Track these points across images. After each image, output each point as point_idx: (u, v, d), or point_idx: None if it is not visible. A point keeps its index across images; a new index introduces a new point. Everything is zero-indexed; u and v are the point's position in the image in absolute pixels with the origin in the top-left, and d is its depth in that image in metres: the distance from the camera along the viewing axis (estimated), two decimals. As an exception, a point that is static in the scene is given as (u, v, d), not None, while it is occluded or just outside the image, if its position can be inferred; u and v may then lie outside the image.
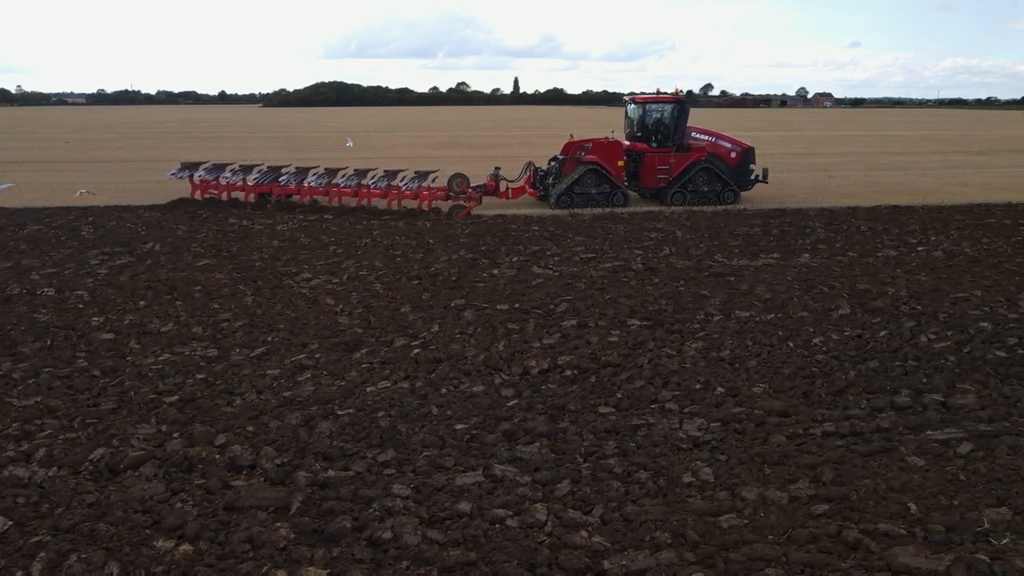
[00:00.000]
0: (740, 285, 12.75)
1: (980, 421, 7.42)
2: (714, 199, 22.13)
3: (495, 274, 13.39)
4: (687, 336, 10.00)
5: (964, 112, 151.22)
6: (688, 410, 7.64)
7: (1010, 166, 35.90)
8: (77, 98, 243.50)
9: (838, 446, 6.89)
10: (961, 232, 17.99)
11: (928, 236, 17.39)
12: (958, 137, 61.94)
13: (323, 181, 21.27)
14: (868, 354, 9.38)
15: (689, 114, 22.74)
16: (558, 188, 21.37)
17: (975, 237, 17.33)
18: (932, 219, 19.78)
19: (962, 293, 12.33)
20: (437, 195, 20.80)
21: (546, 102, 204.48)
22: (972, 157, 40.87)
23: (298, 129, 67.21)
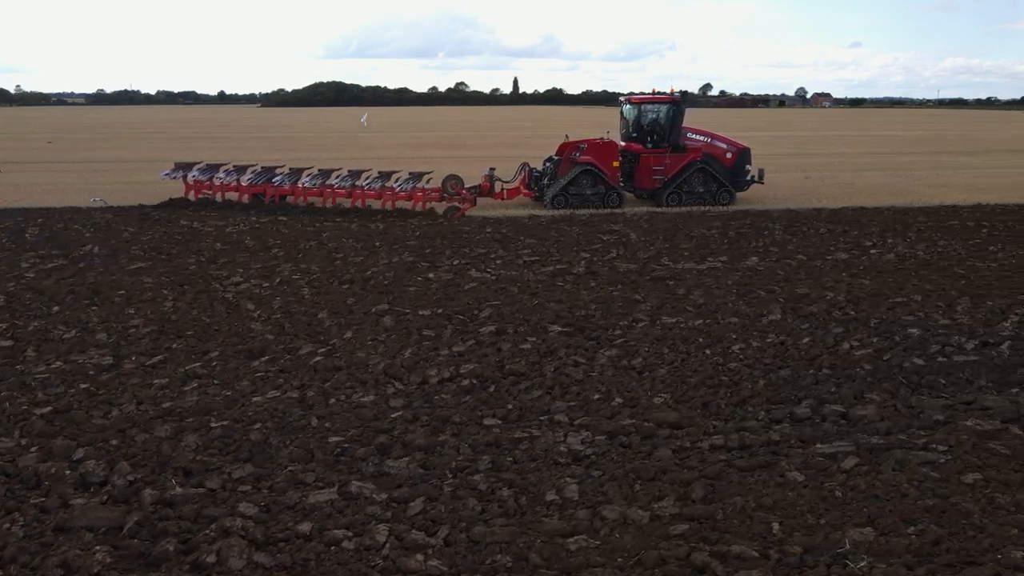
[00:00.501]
0: (678, 289, 12.52)
1: (875, 433, 7.18)
2: (710, 200, 21.89)
3: (431, 278, 13.16)
4: (604, 343, 9.76)
5: (963, 112, 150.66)
6: (578, 422, 7.41)
7: (994, 167, 35.59)
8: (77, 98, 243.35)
9: (720, 460, 6.65)
10: (920, 234, 17.75)
11: (885, 239, 17.14)
12: (952, 137, 61.64)
13: (317, 182, 21.11)
14: (784, 362, 9.14)
15: (684, 114, 22.56)
16: (553, 189, 21.20)
17: (932, 239, 17.09)
18: (895, 221, 19.53)
19: (901, 298, 12.09)
20: (431, 196, 20.61)
21: (545, 102, 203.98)
22: (958, 158, 40.58)
23: (297, 129, 66.89)
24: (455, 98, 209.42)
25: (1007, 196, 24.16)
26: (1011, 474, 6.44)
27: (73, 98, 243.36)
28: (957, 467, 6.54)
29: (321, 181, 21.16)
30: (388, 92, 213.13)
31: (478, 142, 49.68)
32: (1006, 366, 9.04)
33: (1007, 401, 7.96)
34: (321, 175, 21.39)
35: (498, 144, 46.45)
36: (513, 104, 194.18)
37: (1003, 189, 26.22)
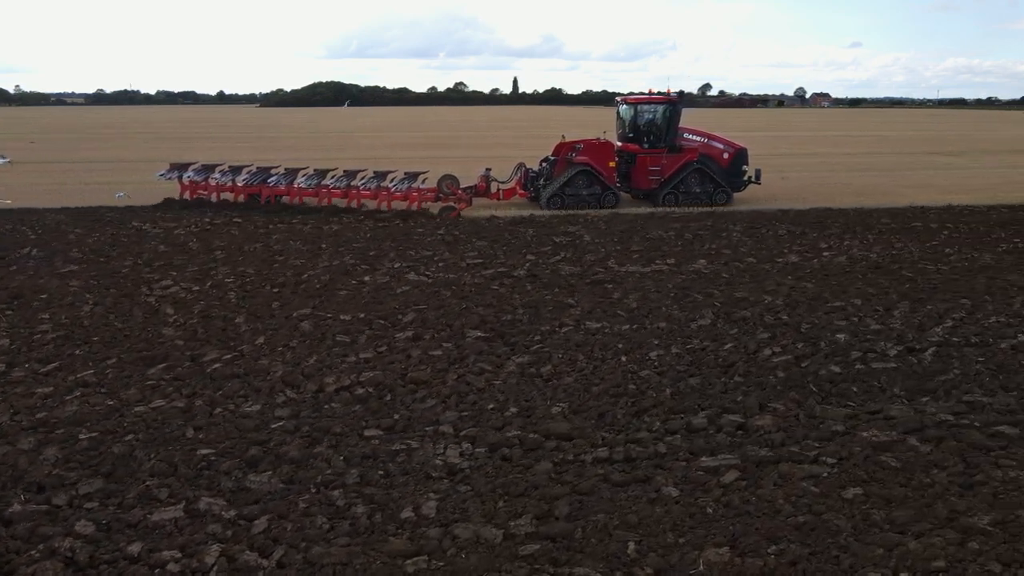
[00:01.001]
0: (614, 293, 12.29)
1: (767, 445, 6.95)
2: (706, 200, 21.73)
3: (366, 281, 12.93)
4: (519, 350, 9.53)
5: (963, 112, 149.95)
6: (464, 433, 7.18)
7: (980, 167, 35.33)
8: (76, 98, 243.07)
9: (598, 475, 6.42)
10: (879, 236, 17.50)
11: (843, 240, 16.89)
12: (944, 138, 61.32)
13: (313, 182, 20.94)
14: (698, 369, 8.91)
15: (681, 115, 22.36)
16: (549, 189, 21.05)
17: (890, 241, 16.84)
18: (858, 222, 19.28)
19: (840, 302, 11.85)
20: (427, 196, 20.48)
21: (545, 102, 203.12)
22: (945, 158, 40.31)
23: (295, 130, 66.56)
24: (454, 98, 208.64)
25: (982, 197, 23.91)
26: (895, 489, 6.21)
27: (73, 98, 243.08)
28: (840, 481, 6.31)
29: (317, 181, 20.97)
30: (387, 92, 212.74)
31: (475, 142, 49.34)
32: (924, 374, 8.81)
33: (913, 411, 7.73)
34: (317, 175, 21.21)
35: (496, 144, 46.13)
36: (512, 104, 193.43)
37: (980, 190, 25.97)
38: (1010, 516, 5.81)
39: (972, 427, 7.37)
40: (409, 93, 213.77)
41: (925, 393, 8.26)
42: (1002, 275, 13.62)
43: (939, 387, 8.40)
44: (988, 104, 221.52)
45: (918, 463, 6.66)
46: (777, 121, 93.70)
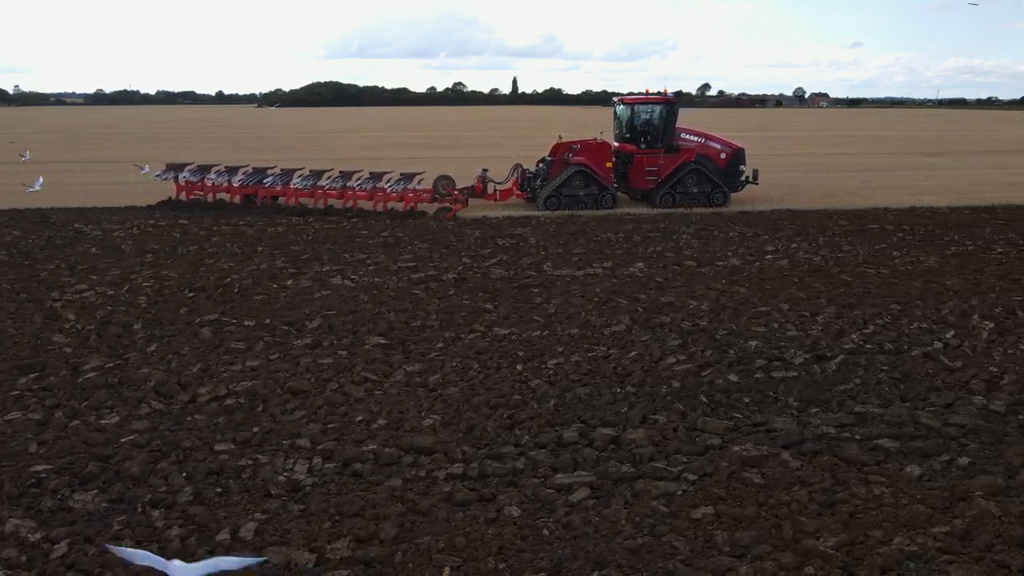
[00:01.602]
0: (537, 298, 11.99)
1: (630, 461, 6.66)
2: (704, 200, 21.60)
3: (287, 285, 12.66)
4: (414, 358, 9.26)
5: (962, 112, 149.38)
6: (322, 447, 6.90)
7: (961, 168, 35.01)
8: (76, 98, 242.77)
9: (443, 493, 6.13)
10: (831, 238, 17.22)
11: (791, 243, 16.60)
12: (933, 138, 60.98)
13: (308, 183, 20.82)
14: (592, 379, 8.63)
15: (678, 115, 22.21)
16: (546, 190, 20.93)
17: (839, 244, 16.54)
18: (814, 224, 18.99)
19: (767, 307, 11.57)
20: (423, 197, 20.35)
21: (544, 102, 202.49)
22: (928, 159, 40.05)
23: (292, 130, 66.32)
24: (453, 98, 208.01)
25: (950, 198, 23.64)
26: (748, 508, 5.92)
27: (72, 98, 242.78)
28: (693, 500, 6.03)
29: (312, 182, 20.87)
30: (386, 92, 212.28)
31: (473, 142, 48.98)
32: (824, 383, 8.53)
33: (797, 423, 7.44)
34: (312, 176, 21.11)
35: (493, 145, 45.78)
36: (512, 104, 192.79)
37: (952, 191, 25.72)
38: (859, 538, 5.52)
39: (852, 440, 7.09)
40: (407, 93, 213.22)
41: (818, 404, 7.98)
42: (941, 279, 13.33)
43: (834, 397, 8.11)
44: (988, 104, 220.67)
45: (783, 480, 6.38)
46: (772, 121, 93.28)
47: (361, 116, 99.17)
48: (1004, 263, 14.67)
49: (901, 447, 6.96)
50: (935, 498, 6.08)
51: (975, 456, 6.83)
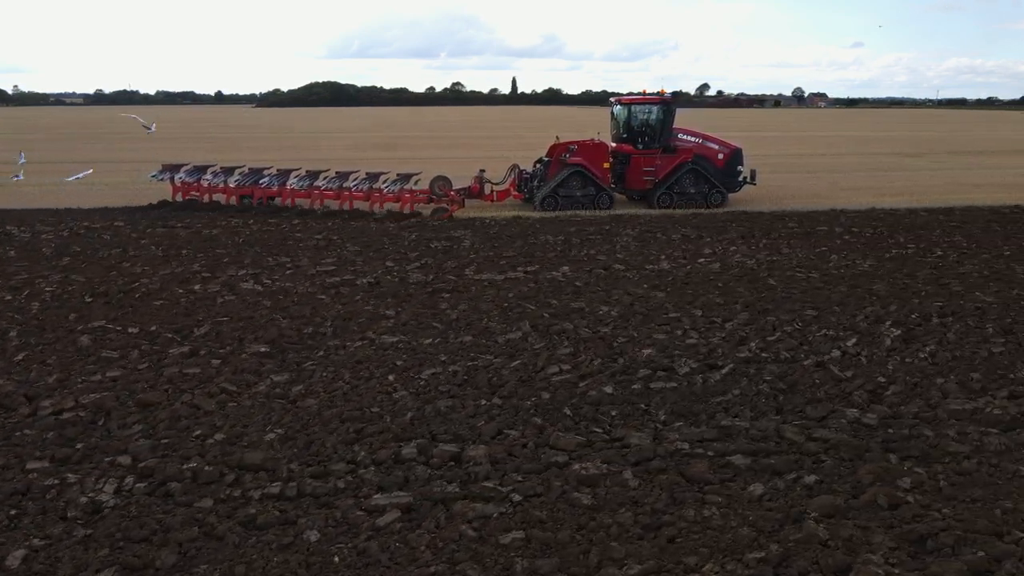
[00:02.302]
0: (443, 304, 11.67)
1: (460, 481, 6.34)
2: (701, 201, 21.39)
3: (194, 290, 12.35)
4: (287, 367, 8.94)
5: (959, 112, 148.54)
6: (143, 465, 6.58)
7: (938, 168, 34.63)
8: (75, 98, 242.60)
9: (247, 515, 5.80)
10: (774, 240, 16.90)
11: (731, 246, 16.25)
12: (922, 138, 60.55)
13: (305, 183, 20.65)
14: (462, 390, 8.30)
15: (675, 115, 22.01)
16: (543, 190, 20.73)
17: (779, 246, 16.20)
18: (762, 226, 18.65)
19: (678, 313, 11.23)
20: (419, 198, 20.18)
21: (544, 102, 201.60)
22: (905, 159, 39.64)
23: (290, 131, 65.94)
24: (451, 98, 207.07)
25: (915, 200, 23.34)
26: (563, 532, 5.60)
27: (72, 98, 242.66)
28: (508, 523, 5.71)
29: (309, 183, 20.69)
30: (384, 92, 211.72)
31: (470, 143, 48.58)
32: (702, 395, 8.20)
33: (653, 439, 7.10)
34: (309, 177, 20.94)
35: (491, 145, 45.42)
36: (511, 104, 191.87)
37: (919, 192, 25.40)
38: (669, 565, 5.20)
39: (704, 457, 6.75)
40: (406, 93, 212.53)
41: (686, 417, 7.65)
42: (869, 283, 12.99)
43: (705, 410, 7.78)
44: (988, 104, 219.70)
45: (614, 501, 6.05)
46: (768, 122, 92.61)
47: (354, 116, 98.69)
48: (940, 267, 14.33)
49: (752, 464, 6.62)
50: (766, 520, 5.74)
51: (827, 473, 6.50)
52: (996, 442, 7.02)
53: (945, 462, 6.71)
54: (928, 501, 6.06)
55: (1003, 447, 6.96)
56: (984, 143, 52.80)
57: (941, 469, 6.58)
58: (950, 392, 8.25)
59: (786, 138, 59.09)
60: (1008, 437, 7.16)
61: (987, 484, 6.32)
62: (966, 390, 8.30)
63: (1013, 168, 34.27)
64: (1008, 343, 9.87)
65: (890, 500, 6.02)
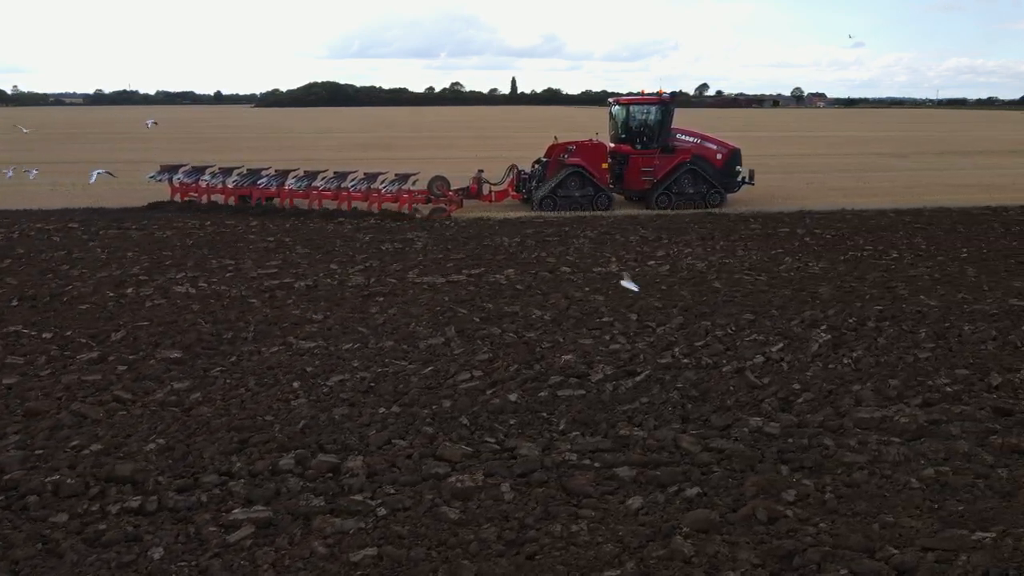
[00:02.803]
0: (374, 308, 11.47)
1: (330, 493, 6.14)
2: (700, 201, 21.35)
3: (127, 294, 12.17)
4: (194, 373, 8.74)
5: (957, 112, 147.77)
6: (8, 477, 6.39)
7: (916, 169, 34.33)
8: (75, 98, 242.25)
9: (96, 531, 5.61)
10: (732, 242, 16.69)
11: (686, 248, 16.05)
12: (912, 139, 60.28)
13: (303, 184, 20.53)
14: (363, 397, 8.11)
15: (674, 115, 21.93)
16: (541, 191, 20.69)
17: (733, 249, 15.98)
18: (724, 227, 18.46)
19: (612, 317, 11.05)
20: (417, 198, 20.10)
21: (543, 102, 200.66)
22: (891, 160, 39.38)
23: (286, 131, 65.74)
24: (450, 98, 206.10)
25: (891, 200, 23.22)
26: (417, 549, 5.41)
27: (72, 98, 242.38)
28: (364, 540, 5.53)
29: (307, 183, 20.58)
30: (382, 92, 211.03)
31: (467, 143, 48.41)
32: (609, 402, 8.00)
33: (543, 449, 6.91)
34: (307, 177, 20.83)
35: (489, 145, 45.28)
36: (510, 104, 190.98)
37: (891, 193, 25.27)
38: (518, 585, 4.97)
39: (591, 469, 6.55)
40: (404, 93, 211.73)
41: (588, 425, 7.45)
42: (816, 286, 12.79)
43: (608, 419, 7.59)
44: (988, 104, 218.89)
45: (483, 515, 5.85)
46: (763, 122, 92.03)
47: (352, 117, 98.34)
48: (892, 269, 14.12)
49: (638, 476, 6.41)
50: (634, 536, 5.54)
51: (713, 486, 6.29)
52: (895, 452, 6.81)
53: (837, 473, 6.50)
54: (808, 515, 5.85)
55: (902, 457, 6.75)
56: (974, 143, 52.51)
57: (830, 481, 6.37)
58: (864, 400, 8.03)
59: (774, 138, 58.80)
60: (909, 447, 6.94)
61: (873, 496, 6.11)
62: (880, 397, 8.09)
63: (996, 168, 34.06)
64: (937, 348, 9.66)
65: (769, 514, 5.81)
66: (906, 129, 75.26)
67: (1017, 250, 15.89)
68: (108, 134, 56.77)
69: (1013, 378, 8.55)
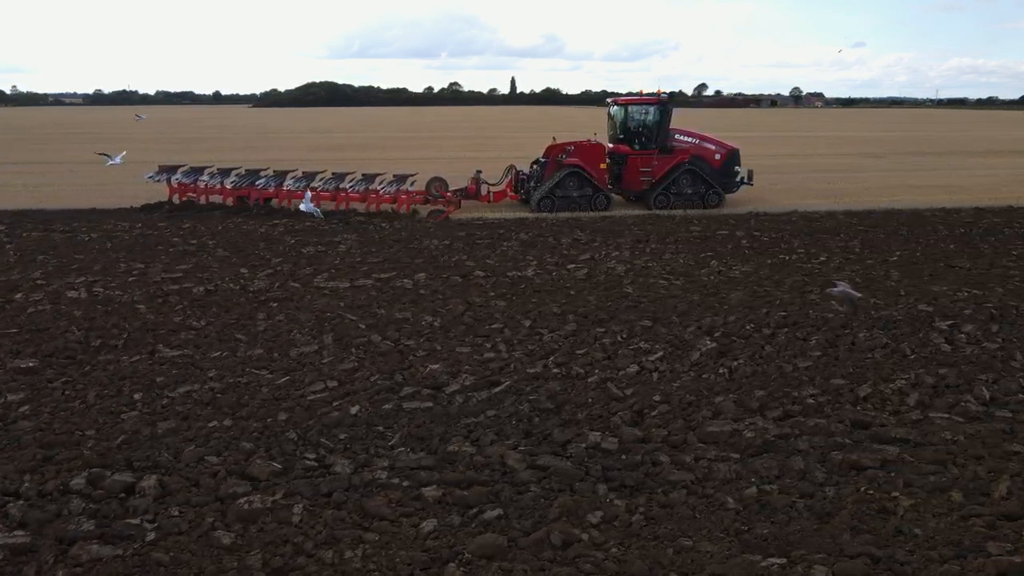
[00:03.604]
0: (261, 313, 11.15)
1: (105, 516, 5.81)
2: (698, 201, 21.21)
3: (15, 299, 11.88)
4: (36, 384, 8.43)
5: (955, 112, 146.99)
6: None
7: (888, 169, 33.93)
8: (75, 98, 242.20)
9: None
10: (665, 246, 16.35)
11: (612, 251, 15.70)
12: (898, 138, 59.87)
13: (301, 185, 20.34)
14: (200, 410, 7.79)
15: (672, 115, 21.76)
16: (539, 191, 20.52)
17: (661, 252, 15.64)
18: (662, 229, 18.12)
19: (503, 324, 10.71)
20: (416, 199, 19.97)
21: (542, 102, 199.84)
22: (865, 160, 39.04)
23: (284, 132, 65.52)
24: (449, 98, 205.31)
25: (851, 201, 22.87)
26: (180, 571, 5.04)
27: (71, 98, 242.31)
28: (115, 569, 5.18)
29: (305, 184, 20.38)
30: (380, 92, 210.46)
31: (466, 143, 48.13)
32: (454, 416, 7.67)
33: (358, 467, 6.56)
34: (305, 178, 20.67)
35: (487, 146, 45.00)
36: (510, 104, 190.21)
37: (857, 194, 24.92)
38: (256, 619, 4.63)
39: (398, 488, 6.21)
40: (402, 94, 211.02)
41: (422, 440, 7.14)
42: (729, 291, 12.44)
43: (445, 433, 7.26)
44: (988, 104, 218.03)
45: (260, 539, 5.52)
46: (758, 122, 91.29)
47: (350, 117, 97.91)
48: (815, 273, 13.76)
49: (444, 496, 6.07)
50: (411, 563, 5.27)
51: (522, 507, 5.99)
52: (727, 469, 6.46)
53: (656, 493, 6.16)
54: (605, 539, 5.52)
55: (732, 475, 6.40)
56: (957, 144, 52.00)
57: (644, 501, 6.03)
58: (723, 412, 7.69)
59: (755, 138, 58.34)
60: (745, 464, 6.59)
61: (683, 519, 5.78)
62: (740, 410, 7.75)
63: (966, 169, 33.67)
64: (823, 357, 9.32)
65: (565, 537, 5.49)
66: (895, 129, 74.77)
67: (951, 252, 15.54)
68: (108, 134, 56.26)
69: (884, 388, 8.20)
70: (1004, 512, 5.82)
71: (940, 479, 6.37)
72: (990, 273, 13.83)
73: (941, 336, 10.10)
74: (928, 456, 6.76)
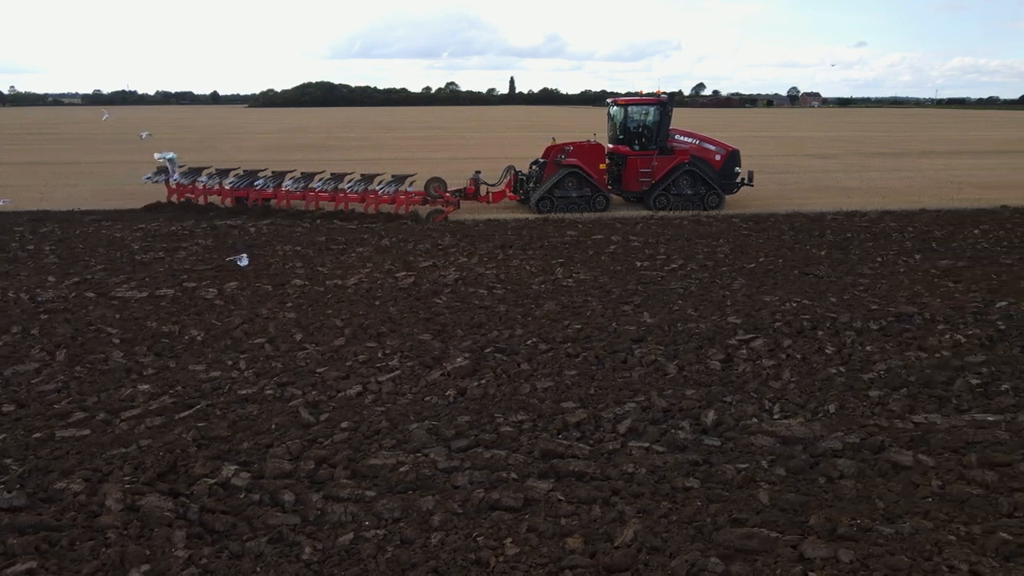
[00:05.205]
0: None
1: None
2: (698, 203, 20.90)
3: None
4: None
5: (953, 112, 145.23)
6: None
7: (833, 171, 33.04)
8: (74, 98, 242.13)
9: None
10: (522, 252, 15.68)
11: (461, 257, 15.01)
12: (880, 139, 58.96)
13: (299, 185, 20.12)
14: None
15: (671, 116, 21.45)
16: (538, 192, 20.30)
17: (511, 259, 14.92)
18: (537, 234, 17.45)
19: (264, 339, 9.99)
20: (414, 199, 19.68)
21: (541, 102, 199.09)
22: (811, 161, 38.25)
23: (281, 132, 64.82)
24: (447, 98, 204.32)
25: (777, 204, 22.22)
26: None
27: (71, 98, 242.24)
28: None
29: (304, 184, 20.09)
30: (376, 92, 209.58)
31: (464, 143, 47.54)
32: (107, 444, 6.96)
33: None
34: (304, 178, 20.38)
35: (485, 145, 44.35)
36: (509, 104, 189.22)
37: (780, 196, 24.15)
38: None
39: None
40: (400, 94, 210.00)
41: (41, 474, 6.37)
42: (544, 302, 11.71)
43: (69, 468, 6.52)
44: (989, 104, 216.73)
45: None
46: (751, 122, 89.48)
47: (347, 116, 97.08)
48: (654, 283, 13.02)
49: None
50: None
51: (64, 559, 5.21)
52: (342, 511, 5.71)
53: (234, 540, 5.41)
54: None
55: (349, 518, 5.66)
56: (924, 144, 51.05)
57: (220, 549, 5.26)
58: (408, 440, 6.95)
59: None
60: (370, 504, 5.85)
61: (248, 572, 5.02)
62: (432, 437, 7.01)
63: (916, 171, 32.68)
64: (578, 375, 8.55)
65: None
66: (871, 129, 73.53)
67: (817, 259, 14.84)
68: (105, 134, 55.60)
69: (607, 413, 7.44)
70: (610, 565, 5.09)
71: (571, 522, 5.62)
72: (841, 281, 13.10)
73: (722, 352, 9.35)
74: (582, 495, 6.01)
